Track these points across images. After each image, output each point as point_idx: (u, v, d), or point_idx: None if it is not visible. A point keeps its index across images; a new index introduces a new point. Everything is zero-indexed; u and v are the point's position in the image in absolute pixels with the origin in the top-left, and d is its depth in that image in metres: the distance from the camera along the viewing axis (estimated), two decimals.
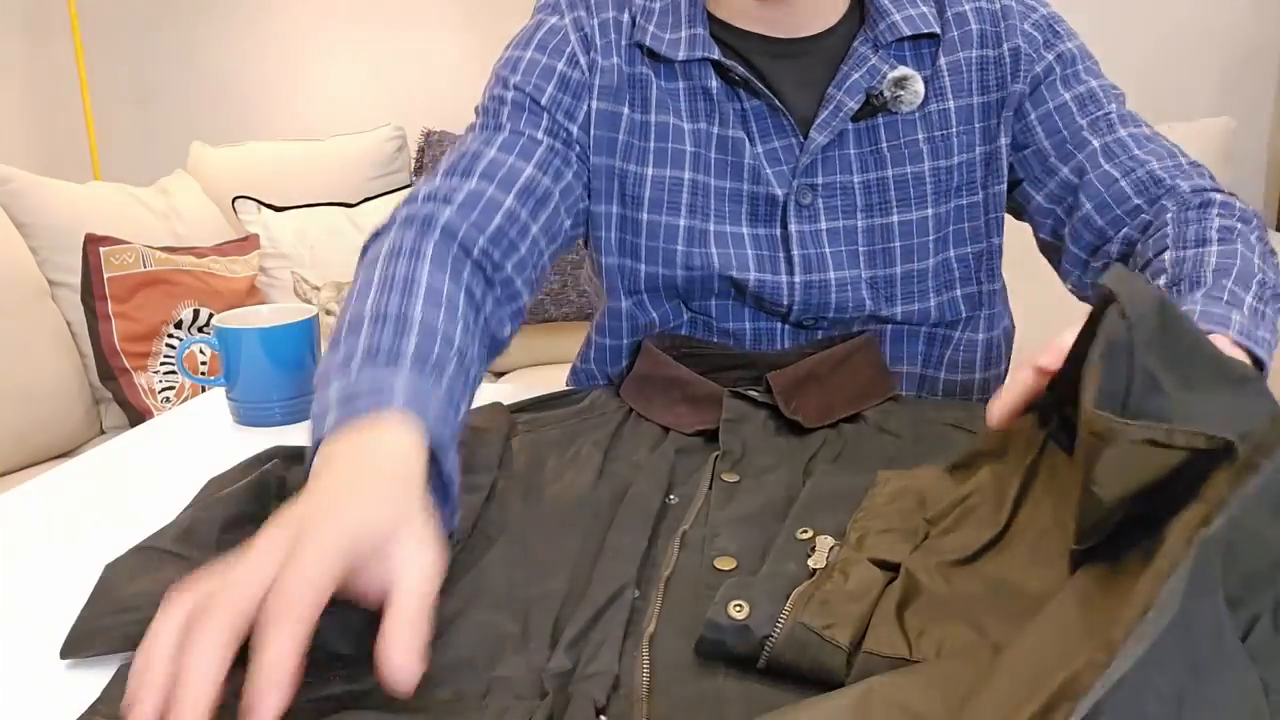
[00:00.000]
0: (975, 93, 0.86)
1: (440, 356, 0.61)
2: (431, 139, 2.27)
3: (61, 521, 0.68)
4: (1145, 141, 0.86)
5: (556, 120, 0.83)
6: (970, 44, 0.85)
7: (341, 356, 0.59)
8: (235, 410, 0.87)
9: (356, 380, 0.56)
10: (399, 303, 0.63)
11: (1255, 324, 0.68)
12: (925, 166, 0.85)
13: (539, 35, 0.86)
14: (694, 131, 0.84)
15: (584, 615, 0.51)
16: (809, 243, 0.84)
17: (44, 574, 0.60)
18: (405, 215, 0.75)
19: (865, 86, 0.83)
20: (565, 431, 0.77)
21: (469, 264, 0.73)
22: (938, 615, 0.48)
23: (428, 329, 0.62)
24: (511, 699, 0.45)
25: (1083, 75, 0.87)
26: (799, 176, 0.84)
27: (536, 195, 0.80)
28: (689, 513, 0.63)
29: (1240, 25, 2.05)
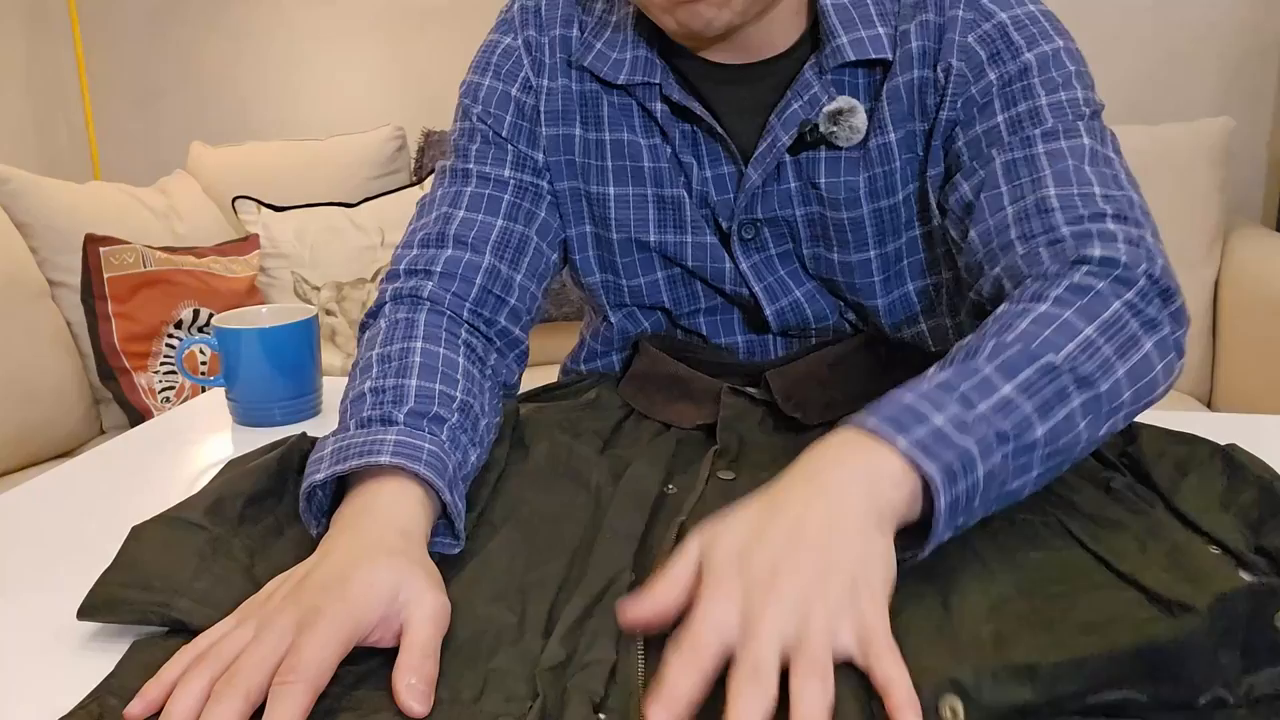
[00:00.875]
0: (917, 119, 0.76)
1: (438, 413, 0.64)
2: (432, 139, 2.27)
3: (61, 521, 0.68)
4: (1063, 158, 0.70)
5: (520, 150, 0.81)
6: (910, 65, 0.75)
7: (339, 426, 0.64)
8: (235, 410, 0.87)
9: (353, 434, 0.60)
10: (395, 379, 0.66)
11: (965, 431, 0.52)
12: (864, 210, 0.78)
13: (494, 58, 0.84)
14: (650, 147, 0.80)
15: (581, 602, 0.51)
16: (764, 272, 0.82)
17: (44, 574, 0.60)
18: (392, 292, 0.76)
19: (802, 119, 0.75)
20: (569, 417, 0.77)
21: (463, 328, 0.75)
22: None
23: (424, 394, 0.65)
24: (503, 701, 0.45)
25: (1036, 89, 0.73)
26: (739, 213, 0.80)
27: (513, 246, 0.79)
28: (686, 504, 0.63)
29: (1240, 25, 2.05)
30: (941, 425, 0.52)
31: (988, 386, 0.55)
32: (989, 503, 0.54)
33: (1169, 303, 0.64)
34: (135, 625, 0.52)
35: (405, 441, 0.59)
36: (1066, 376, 0.56)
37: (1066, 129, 0.71)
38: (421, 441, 0.60)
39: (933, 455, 0.51)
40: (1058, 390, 0.56)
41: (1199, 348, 1.90)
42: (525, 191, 0.81)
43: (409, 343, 0.69)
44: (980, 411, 0.53)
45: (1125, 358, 0.59)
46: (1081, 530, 0.59)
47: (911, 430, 0.52)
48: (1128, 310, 0.61)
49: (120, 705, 0.45)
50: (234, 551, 0.57)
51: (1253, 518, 0.60)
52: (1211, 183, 1.89)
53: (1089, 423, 0.57)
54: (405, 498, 0.56)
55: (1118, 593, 0.52)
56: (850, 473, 0.51)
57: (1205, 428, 0.75)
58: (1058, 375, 0.56)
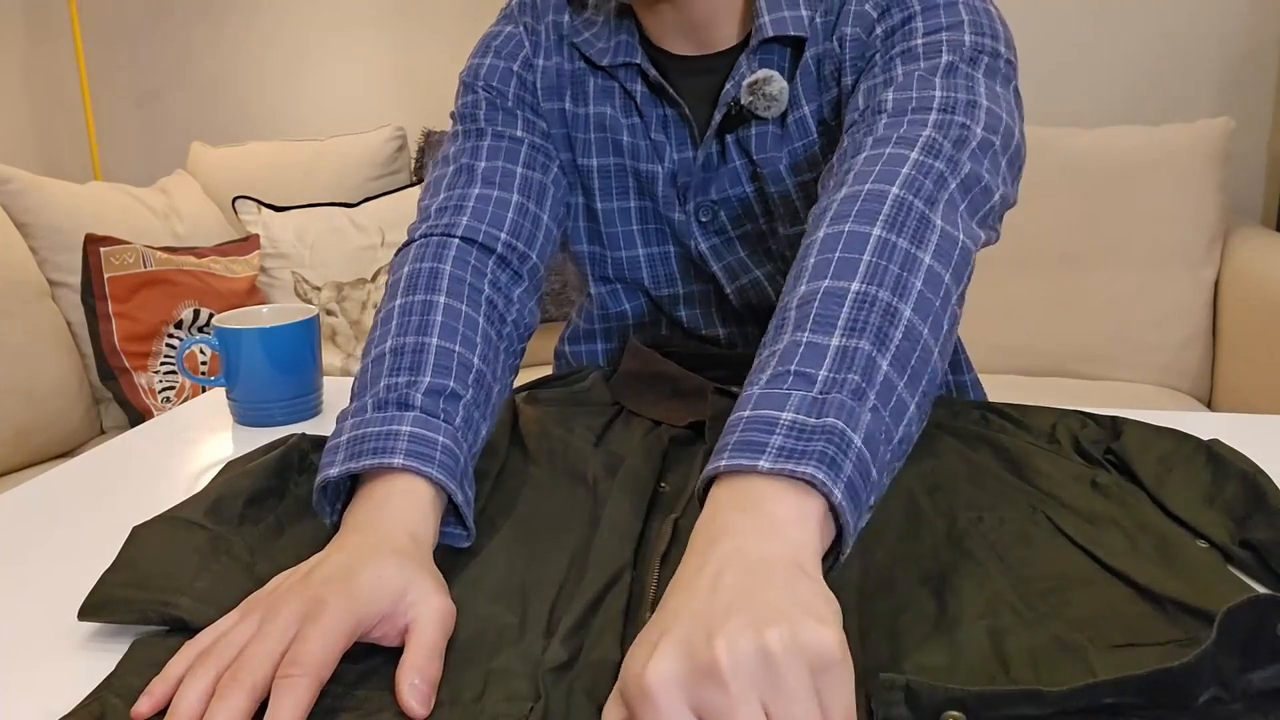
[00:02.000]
0: (823, 91, 0.79)
1: (454, 389, 0.63)
2: (432, 139, 2.27)
3: (61, 522, 0.68)
4: (910, 77, 0.68)
5: (527, 119, 0.85)
6: (816, 40, 0.78)
7: (357, 389, 0.64)
8: (235, 410, 0.87)
9: (370, 418, 0.60)
10: (415, 338, 0.65)
11: (820, 411, 0.47)
12: (789, 184, 0.81)
13: (495, 42, 0.88)
14: (630, 125, 0.85)
15: (582, 602, 0.51)
16: (723, 253, 0.85)
17: (44, 574, 0.60)
18: (423, 232, 0.76)
19: (731, 96, 0.79)
20: (562, 412, 0.78)
21: (487, 279, 0.74)
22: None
23: (442, 361, 0.64)
24: (504, 701, 0.45)
25: (915, 32, 0.70)
26: (691, 197, 0.84)
27: (535, 189, 0.81)
28: (679, 502, 0.63)
29: (1240, 25, 2.05)
30: (793, 419, 0.47)
31: (815, 352, 0.50)
32: (887, 464, 0.49)
33: (961, 146, 0.60)
34: (136, 625, 0.52)
35: (419, 435, 0.59)
36: (881, 293, 0.52)
37: (927, 54, 0.68)
38: (436, 434, 0.59)
39: (801, 456, 0.45)
40: (882, 312, 0.51)
41: (1199, 347, 1.89)
42: (538, 150, 0.84)
43: (432, 296, 0.69)
44: (822, 379, 0.49)
45: (923, 243, 0.55)
46: (1070, 527, 0.59)
47: (766, 445, 0.46)
48: (907, 190, 0.57)
49: (122, 704, 0.45)
50: (235, 550, 0.57)
51: (1237, 511, 0.60)
52: (1211, 183, 1.89)
53: (930, 326, 0.53)
54: (416, 499, 0.56)
55: (1109, 589, 0.53)
56: (740, 535, 0.44)
57: (1205, 427, 0.75)
58: (872, 299, 0.52)
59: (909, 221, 0.55)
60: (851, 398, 0.48)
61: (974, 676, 0.46)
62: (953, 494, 0.64)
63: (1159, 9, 2.06)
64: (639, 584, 0.54)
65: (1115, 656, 0.47)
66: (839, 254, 0.54)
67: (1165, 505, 0.62)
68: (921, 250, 0.54)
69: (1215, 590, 0.52)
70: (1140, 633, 0.49)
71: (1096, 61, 2.09)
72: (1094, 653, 0.47)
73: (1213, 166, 1.89)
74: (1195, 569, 0.54)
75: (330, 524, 0.58)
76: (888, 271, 0.53)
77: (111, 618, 0.51)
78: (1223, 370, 1.88)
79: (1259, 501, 0.59)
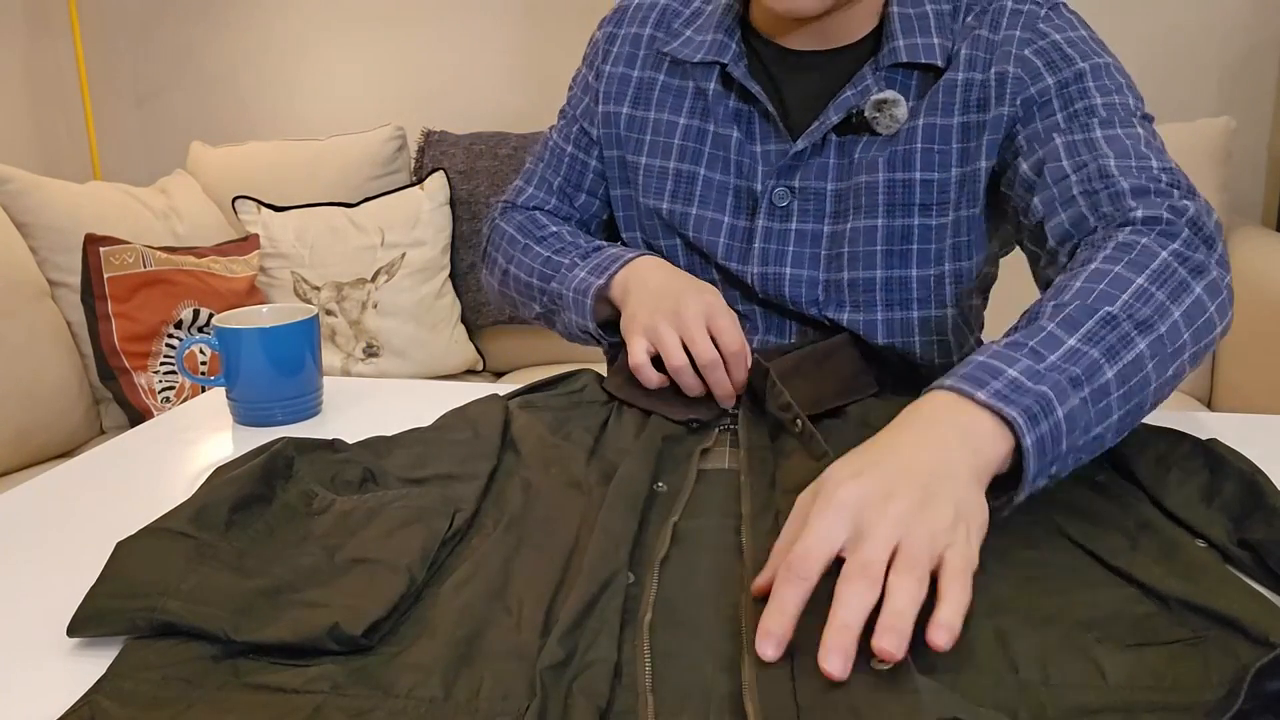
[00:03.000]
0: (955, 113, 0.86)
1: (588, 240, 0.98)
2: (432, 139, 2.27)
3: (61, 522, 0.68)
4: (1120, 141, 0.78)
5: (583, 128, 1.01)
6: (958, 67, 0.86)
7: (544, 274, 0.95)
8: (235, 410, 0.87)
9: (590, 260, 0.92)
10: (571, 239, 0.98)
11: (1038, 379, 0.57)
12: (880, 177, 0.87)
13: (587, 47, 1.04)
14: (687, 127, 0.94)
15: (577, 603, 0.51)
16: (773, 238, 0.91)
17: (43, 574, 0.60)
18: (501, 210, 1.07)
19: (851, 105, 0.86)
20: (557, 418, 0.78)
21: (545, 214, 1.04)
22: None
23: (573, 235, 0.99)
24: (500, 699, 0.45)
25: (1091, 91, 0.82)
26: (778, 178, 0.90)
27: (568, 194, 1.04)
28: (677, 504, 0.63)
29: (1240, 25, 2.05)
30: (1016, 376, 0.57)
31: (1053, 340, 0.60)
32: (1077, 450, 0.59)
33: (1212, 249, 0.70)
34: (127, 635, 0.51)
35: (610, 247, 0.94)
36: (1126, 324, 0.62)
37: (1122, 120, 0.80)
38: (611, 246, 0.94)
39: (1011, 402, 0.56)
40: (1120, 336, 0.61)
41: None
42: (577, 161, 1.03)
43: (554, 228, 1.01)
44: (1050, 361, 0.59)
45: (1179, 301, 0.65)
46: (1071, 528, 0.59)
47: (988, 384, 0.57)
48: (1175, 259, 0.67)
49: (114, 706, 0.45)
50: (221, 554, 0.57)
51: (1235, 511, 0.60)
52: (1212, 183, 1.89)
53: (1156, 364, 0.62)
54: (648, 259, 0.90)
55: (1113, 590, 0.53)
56: (945, 429, 0.56)
57: (1205, 427, 0.75)
58: (1117, 323, 0.62)
59: (1171, 281, 0.66)
60: (1069, 383, 0.58)
61: (982, 676, 0.46)
62: None
63: (1159, 8, 2.06)
64: (638, 586, 0.54)
65: (1124, 656, 0.47)
66: (1103, 286, 0.64)
67: (1163, 504, 0.62)
68: (1175, 306, 0.64)
69: (1218, 589, 0.52)
70: (1148, 632, 0.49)
71: None
72: (1103, 653, 0.47)
73: (1213, 166, 1.89)
74: (1197, 568, 0.54)
75: (591, 330, 0.90)
76: (1140, 312, 0.63)
77: (101, 630, 0.51)
78: (1223, 370, 1.88)
79: (1257, 501, 0.59)
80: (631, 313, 0.84)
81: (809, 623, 0.47)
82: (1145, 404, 0.63)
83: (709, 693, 0.46)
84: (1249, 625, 0.49)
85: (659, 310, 0.81)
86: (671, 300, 0.81)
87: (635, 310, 0.84)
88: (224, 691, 0.47)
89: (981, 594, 0.52)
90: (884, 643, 0.44)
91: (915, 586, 0.46)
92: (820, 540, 0.49)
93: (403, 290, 2.09)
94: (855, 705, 0.42)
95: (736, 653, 0.48)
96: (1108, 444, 0.62)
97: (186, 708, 0.45)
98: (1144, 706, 0.44)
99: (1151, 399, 0.63)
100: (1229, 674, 0.45)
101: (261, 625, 0.50)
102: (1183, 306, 0.65)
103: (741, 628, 0.50)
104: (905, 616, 0.45)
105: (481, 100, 2.36)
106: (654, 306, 0.82)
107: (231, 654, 0.49)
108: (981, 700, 0.44)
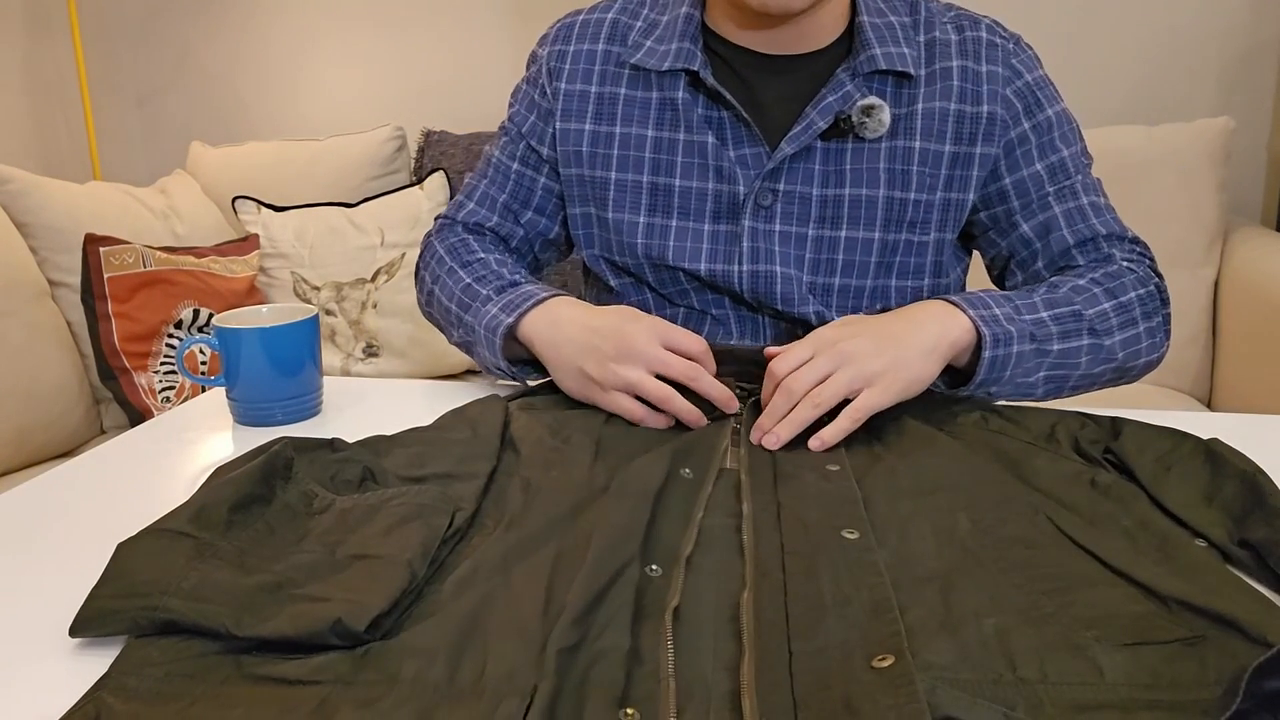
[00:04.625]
0: (948, 142, 0.91)
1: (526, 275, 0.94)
2: (431, 139, 2.27)
3: (62, 522, 0.68)
4: (1102, 211, 0.93)
5: (530, 145, 1.00)
6: (950, 97, 0.90)
7: (464, 301, 0.91)
8: (235, 410, 0.87)
9: (504, 297, 0.89)
10: (495, 268, 0.95)
11: (1011, 323, 0.80)
12: (880, 193, 0.90)
13: (530, 67, 1.02)
14: (656, 139, 0.93)
15: (587, 593, 0.51)
16: (760, 238, 0.91)
17: (43, 574, 0.60)
18: (439, 226, 1.04)
19: (837, 109, 0.88)
20: (557, 419, 0.78)
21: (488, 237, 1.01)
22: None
23: (500, 267, 0.95)
24: (505, 679, 0.45)
25: (1057, 143, 0.92)
26: (762, 180, 0.90)
27: (514, 210, 1.02)
28: (700, 496, 0.63)
29: (1240, 25, 2.05)
30: (998, 314, 0.80)
31: (1033, 308, 0.83)
32: (1009, 382, 0.81)
33: (1164, 307, 0.91)
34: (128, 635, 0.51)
35: (538, 283, 0.91)
36: (1084, 324, 0.84)
37: (1086, 186, 0.94)
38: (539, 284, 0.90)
39: (988, 324, 0.79)
40: (1076, 328, 0.83)
41: (1199, 347, 1.89)
42: (524, 179, 1.01)
43: (477, 253, 0.97)
44: (1024, 318, 0.81)
45: (1124, 330, 0.86)
46: (1071, 528, 0.59)
47: (978, 309, 0.80)
48: (1137, 302, 0.88)
49: (117, 704, 0.45)
50: (222, 553, 0.57)
51: (1235, 511, 0.60)
52: (1211, 183, 1.89)
53: (1087, 361, 0.84)
54: (561, 300, 0.86)
55: (1113, 588, 0.53)
56: (931, 315, 0.80)
57: (1205, 427, 0.75)
58: (1080, 320, 0.84)
59: (1127, 314, 0.86)
60: (1028, 336, 0.80)
61: (981, 673, 0.46)
62: (954, 495, 0.64)
63: (1159, 9, 2.06)
64: (664, 578, 0.54)
65: (1122, 655, 0.47)
66: (1083, 296, 0.85)
67: (1163, 504, 0.62)
68: (1120, 332, 0.86)
69: (1218, 589, 0.52)
70: (1146, 632, 0.49)
71: (1096, 61, 2.09)
72: (1101, 651, 0.47)
73: (1212, 166, 1.89)
74: (1196, 568, 0.54)
75: (504, 368, 0.86)
76: (1098, 324, 0.84)
77: (103, 630, 0.51)
78: (1223, 370, 1.88)
79: (1258, 501, 0.60)
80: (570, 365, 0.81)
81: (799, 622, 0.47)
82: (1066, 383, 0.85)
83: (710, 689, 0.46)
84: (1248, 625, 0.49)
85: (605, 356, 0.78)
86: (613, 340, 0.79)
87: (574, 362, 0.81)
88: (228, 685, 0.47)
89: (981, 592, 0.52)
90: (761, 431, 0.74)
91: (810, 412, 0.73)
92: (793, 362, 0.75)
93: (403, 290, 2.09)
94: (853, 704, 0.42)
95: (737, 651, 0.48)
96: (1035, 396, 0.84)
97: (191, 702, 0.46)
98: (1142, 705, 0.44)
99: (1072, 382, 0.85)
100: (1227, 673, 0.45)
101: (263, 620, 0.50)
102: (1125, 334, 0.86)
103: (742, 626, 0.50)
104: (790, 426, 0.73)
105: (481, 100, 2.35)
106: (598, 355, 0.79)
107: (234, 650, 0.49)
108: (980, 698, 0.44)
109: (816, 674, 0.45)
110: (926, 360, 0.77)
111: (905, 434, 0.74)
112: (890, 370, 0.74)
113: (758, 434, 0.73)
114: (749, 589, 0.53)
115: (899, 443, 0.73)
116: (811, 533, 0.58)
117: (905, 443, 0.73)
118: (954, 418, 0.77)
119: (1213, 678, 0.46)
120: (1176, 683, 0.45)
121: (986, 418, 0.77)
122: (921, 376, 0.76)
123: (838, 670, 0.45)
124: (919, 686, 0.43)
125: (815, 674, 0.45)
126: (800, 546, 0.57)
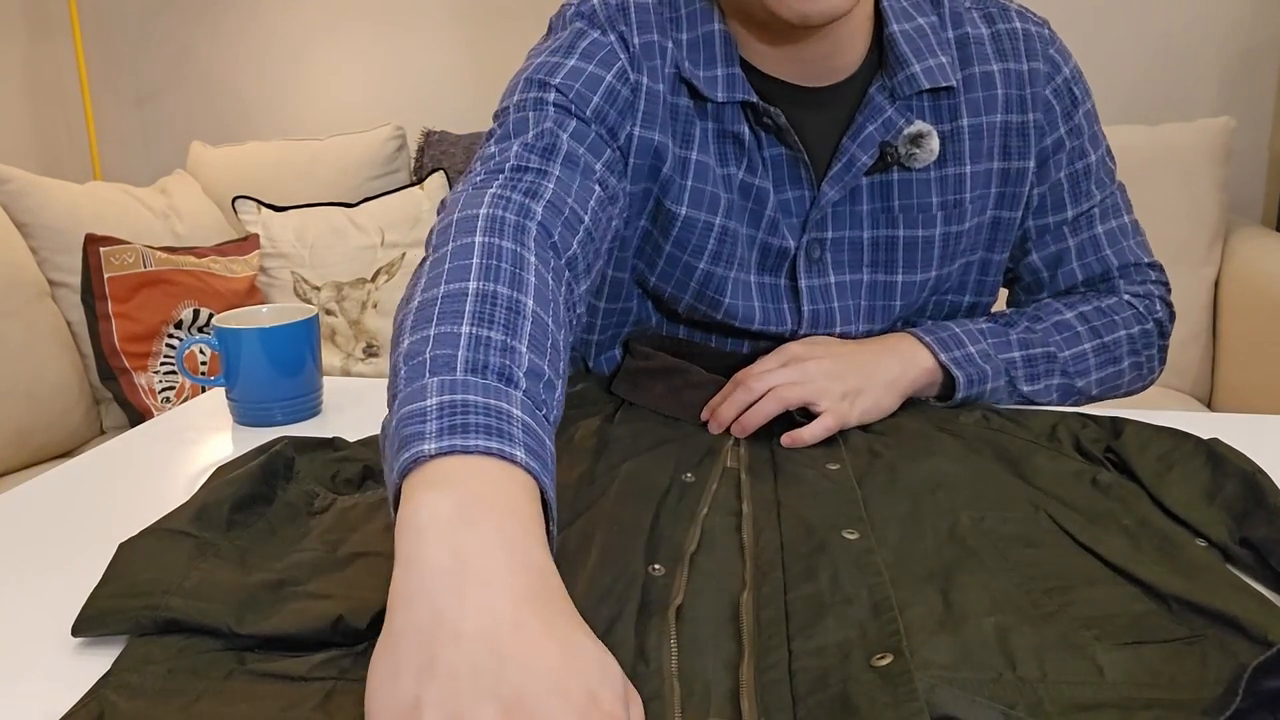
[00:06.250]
0: (997, 158, 0.84)
1: (550, 376, 0.53)
2: (432, 139, 2.27)
3: (61, 522, 0.68)
4: (1117, 238, 0.89)
5: (601, 136, 0.76)
6: (995, 109, 0.82)
7: (438, 334, 0.51)
8: (235, 410, 0.87)
9: (465, 385, 0.48)
10: (509, 291, 0.55)
11: (986, 362, 0.81)
12: (936, 232, 0.83)
13: (582, 44, 0.78)
14: (725, 176, 0.81)
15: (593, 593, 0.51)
16: (818, 298, 0.84)
17: (44, 574, 0.60)
18: (500, 189, 0.67)
19: (880, 140, 0.80)
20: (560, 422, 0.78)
21: (550, 250, 0.65)
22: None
23: (538, 336, 0.54)
24: None
25: (1086, 148, 0.86)
26: (809, 231, 0.82)
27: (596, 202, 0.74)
28: (704, 497, 0.63)
29: (1240, 25, 2.05)
30: (972, 353, 0.81)
31: (1007, 347, 0.83)
32: (982, 405, 0.81)
33: (1161, 339, 0.89)
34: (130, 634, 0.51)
35: (531, 428, 0.48)
36: (1057, 365, 0.84)
37: (1106, 209, 0.88)
38: (545, 436, 0.49)
39: (961, 366, 0.80)
40: (1048, 369, 0.84)
41: (1199, 347, 1.89)
42: (595, 154, 0.76)
43: (522, 250, 0.60)
44: (998, 357, 0.82)
45: (1102, 369, 0.86)
46: (1072, 526, 0.59)
47: (950, 351, 0.81)
48: (1126, 340, 0.86)
49: (121, 701, 0.45)
50: (223, 552, 0.57)
51: (1236, 510, 0.60)
52: (1212, 182, 1.89)
53: (1058, 397, 0.85)
54: (528, 501, 0.44)
55: (1114, 587, 0.53)
56: (894, 352, 0.80)
57: (1205, 427, 0.75)
58: (1053, 362, 0.84)
59: (1109, 354, 0.86)
60: (1001, 375, 0.82)
61: (981, 672, 0.46)
62: (955, 494, 0.64)
63: (1159, 9, 2.06)
64: (669, 578, 0.54)
65: (1122, 654, 0.47)
66: (1060, 337, 0.84)
67: (1163, 503, 0.62)
68: (1098, 371, 0.86)
69: (1218, 588, 0.52)
70: (1146, 631, 0.49)
71: (1096, 61, 2.09)
72: (1101, 650, 0.47)
73: (1213, 166, 1.89)
74: (1197, 567, 0.54)
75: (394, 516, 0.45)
76: (1070, 366, 0.84)
77: (105, 629, 0.51)
78: (1223, 370, 1.88)
79: (1258, 500, 0.60)
80: (402, 643, 0.39)
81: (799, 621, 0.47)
82: (1051, 384, 0.85)
83: (710, 688, 0.46)
84: (1248, 625, 0.49)
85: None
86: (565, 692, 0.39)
87: (409, 654, 0.38)
88: (231, 681, 0.47)
89: (981, 590, 0.52)
90: (711, 412, 0.76)
91: (761, 418, 0.74)
92: (761, 370, 0.76)
93: (402, 290, 2.09)
94: (852, 702, 0.42)
95: (738, 650, 0.48)
96: (1010, 383, 0.83)
97: (195, 699, 0.46)
98: (1141, 704, 0.44)
99: (1042, 406, 0.84)
100: (1227, 673, 0.45)
101: (265, 619, 0.50)
102: (1103, 373, 0.86)
103: (742, 626, 0.50)
104: (746, 423, 0.74)
105: (481, 100, 2.35)
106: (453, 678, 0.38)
107: (236, 647, 0.49)
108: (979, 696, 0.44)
109: (815, 673, 0.45)
110: (888, 390, 0.78)
111: (905, 433, 0.74)
112: (851, 394, 0.75)
113: (708, 413, 0.76)
114: (748, 589, 0.53)
115: (899, 442, 0.73)
116: (811, 532, 0.58)
117: (905, 441, 0.73)
118: (955, 417, 0.77)
119: (1213, 677, 0.46)
120: (1176, 682, 0.45)
121: (988, 417, 0.77)
122: (881, 405, 0.77)
123: (837, 669, 0.45)
124: (918, 685, 0.43)
125: (814, 673, 0.45)
126: (800, 545, 0.57)
